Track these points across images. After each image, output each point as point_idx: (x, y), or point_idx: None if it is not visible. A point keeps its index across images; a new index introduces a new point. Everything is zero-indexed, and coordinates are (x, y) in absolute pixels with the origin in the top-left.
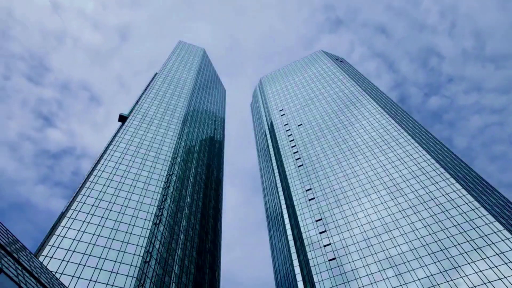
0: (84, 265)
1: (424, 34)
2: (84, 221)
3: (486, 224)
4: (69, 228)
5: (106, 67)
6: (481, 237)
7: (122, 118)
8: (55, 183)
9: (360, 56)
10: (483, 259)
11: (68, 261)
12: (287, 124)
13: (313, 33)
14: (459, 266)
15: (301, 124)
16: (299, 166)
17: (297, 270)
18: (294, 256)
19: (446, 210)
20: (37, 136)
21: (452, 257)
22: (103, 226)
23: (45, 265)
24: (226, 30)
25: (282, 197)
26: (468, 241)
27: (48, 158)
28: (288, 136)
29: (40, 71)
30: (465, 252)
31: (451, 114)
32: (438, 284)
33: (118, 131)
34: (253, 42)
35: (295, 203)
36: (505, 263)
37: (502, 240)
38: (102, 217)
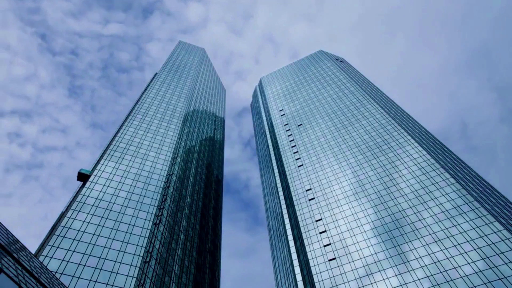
0: (84, 265)
1: None
2: (84, 221)
3: (486, 224)
4: (69, 228)
5: (310, 28)
6: (481, 237)
7: (82, 176)
8: None
9: None
10: (483, 259)
11: (68, 261)
12: (287, 124)
13: None
14: (459, 266)
15: (301, 124)
16: (299, 166)
17: (297, 270)
18: (294, 256)
19: (446, 210)
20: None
21: (452, 257)
22: (103, 226)
23: (45, 265)
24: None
25: (282, 197)
26: (468, 241)
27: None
28: (288, 136)
29: (242, 22)
30: (465, 252)
31: None
32: (438, 284)
33: (117, 132)
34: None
35: (295, 203)
36: (505, 263)
37: (502, 240)
38: (102, 217)
